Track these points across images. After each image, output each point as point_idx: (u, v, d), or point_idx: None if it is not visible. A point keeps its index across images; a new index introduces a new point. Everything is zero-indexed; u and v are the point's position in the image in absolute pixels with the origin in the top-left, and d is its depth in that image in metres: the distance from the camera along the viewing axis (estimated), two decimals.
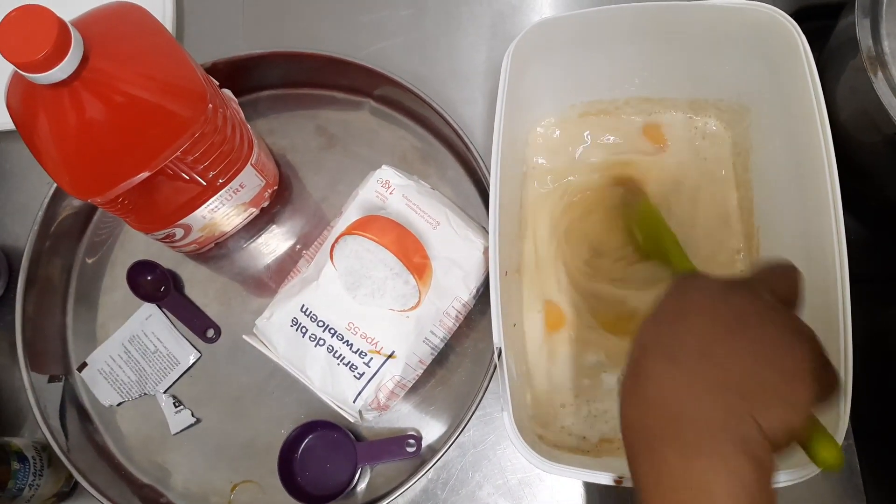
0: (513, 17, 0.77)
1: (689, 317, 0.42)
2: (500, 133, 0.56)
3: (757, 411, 0.37)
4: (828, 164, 0.53)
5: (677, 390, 0.39)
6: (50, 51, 0.45)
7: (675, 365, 0.39)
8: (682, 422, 0.37)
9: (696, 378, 0.38)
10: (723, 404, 0.37)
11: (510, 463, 0.66)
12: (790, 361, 0.39)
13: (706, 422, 0.37)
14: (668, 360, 0.40)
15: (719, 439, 0.36)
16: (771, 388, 0.38)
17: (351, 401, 0.61)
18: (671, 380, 0.39)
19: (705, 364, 0.39)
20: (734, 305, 0.41)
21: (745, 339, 0.39)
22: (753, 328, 0.40)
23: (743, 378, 0.38)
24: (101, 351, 0.71)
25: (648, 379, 0.40)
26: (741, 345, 0.39)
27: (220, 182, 0.63)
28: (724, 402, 0.37)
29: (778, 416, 0.37)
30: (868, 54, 0.58)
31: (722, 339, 0.39)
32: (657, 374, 0.40)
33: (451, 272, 0.63)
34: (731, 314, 0.41)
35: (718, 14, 0.58)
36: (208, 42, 0.78)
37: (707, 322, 0.41)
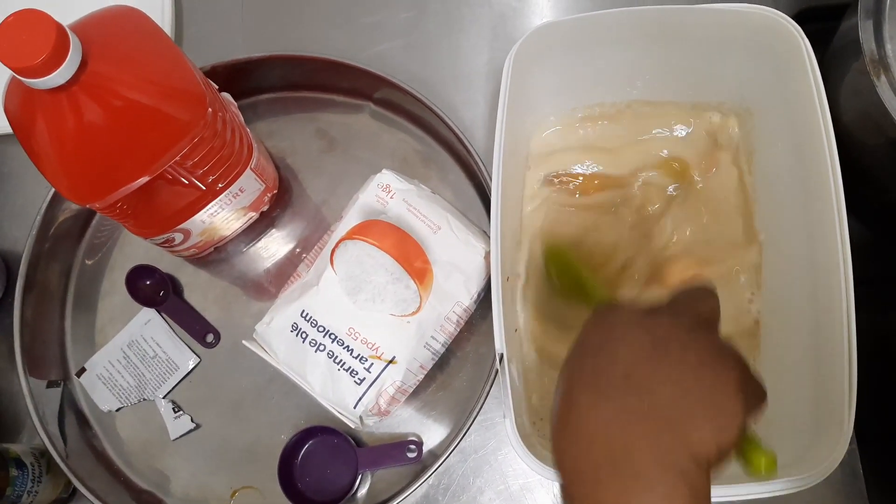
0: (514, 19, 0.77)
1: (610, 346, 0.41)
2: (502, 138, 0.55)
3: (687, 437, 0.37)
4: (831, 167, 0.52)
5: (607, 423, 0.38)
6: (48, 55, 0.45)
7: (601, 396, 0.39)
8: (615, 458, 0.37)
9: (624, 408, 0.38)
10: (653, 434, 0.37)
11: (511, 468, 0.66)
12: (715, 381, 0.39)
13: (639, 455, 0.37)
14: (594, 392, 0.39)
15: (654, 472, 0.36)
16: (698, 410, 0.38)
17: (352, 406, 0.60)
18: (599, 412, 0.38)
19: (631, 393, 0.38)
20: (654, 331, 0.41)
21: (667, 364, 0.39)
22: (675, 352, 0.40)
23: (669, 404, 0.38)
24: (99, 356, 0.70)
25: (577, 413, 0.39)
26: (664, 370, 0.39)
27: (219, 186, 0.63)
28: (654, 431, 0.37)
29: (708, 438, 0.37)
30: (871, 58, 0.58)
31: (644, 366, 0.39)
32: (585, 407, 0.39)
33: (452, 277, 0.62)
34: (651, 340, 0.40)
35: (721, 17, 0.58)
36: (207, 45, 0.77)
37: (628, 350, 0.40)
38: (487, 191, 0.68)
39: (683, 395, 0.38)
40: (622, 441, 0.37)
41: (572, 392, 0.40)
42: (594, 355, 0.42)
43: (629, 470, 0.36)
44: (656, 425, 0.37)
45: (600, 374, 0.40)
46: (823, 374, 0.52)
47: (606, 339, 0.42)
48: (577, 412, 0.39)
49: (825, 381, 0.52)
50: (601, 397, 0.39)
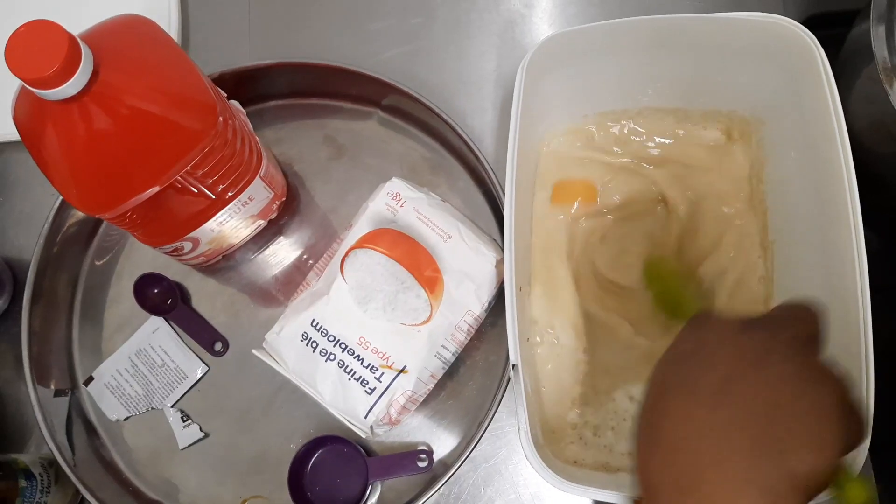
0: (522, 25, 0.77)
1: (705, 353, 0.40)
2: (515, 148, 0.55)
3: (785, 457, 0.35)
4: (847, 176, 0.52)
5: (699, 432, 0.36)
6: (60, 67, 0.44)
7: (694, 402, 0.37)
8: (707, 471, 0.35)
9: (719, 417, 0.36)
10: (748, 450, 0.35)
11: (522, 477, 0.66)
12: (816, 401, 0.37)
13: (730, 470, 0.35)
14: (687, 397, 0.38)
15: (745, 492, 0.34)
16: (797, 430, 0.36)
17: (362, 416, 0.60)
18: (692, 419, 0.37)
19: (726, 403, 0.37)
20: (754, 342, 0.39)
21: (767, 377, 0.37)
22: (775, 365, 0.38)
23: (767, 419, 0.36)
24: (107, 365, 0.70)
25: (668, 419, 0.38)
26: (763, 383, 0.37)
27: (229, 195, 0.62)
28: (749, 447, 0.35)
29: (808, 461, 0.35)
30: (883, 65, 0.58)
31: (742, 377, 0.37)
32: (676, 412, 0.38)
33: (462, 285, 0.62)
34: (750, 351, 0.39)
35: (733, 26, 0.57)
36: (214, 52, 0.77)
37: (725, 358, 0.39)
38: (497, 198, 0.67)
39: (782, 413, 0.36)
40: (713, 453, 0.35)
41: (663, 398, 0.39)
42: (688, 362, 0.40)
43: (718, 483, 0.35)
44: (752, 440, 0.35)
45: (694, 379, 0.38)
46: None
47: (702, 347, 0.40)
48: (669, 416, 0.38)
49: None
50: (695, 402, 0.37)
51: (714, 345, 0.40)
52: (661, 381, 0.40)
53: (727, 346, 0.40)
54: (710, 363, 0.39)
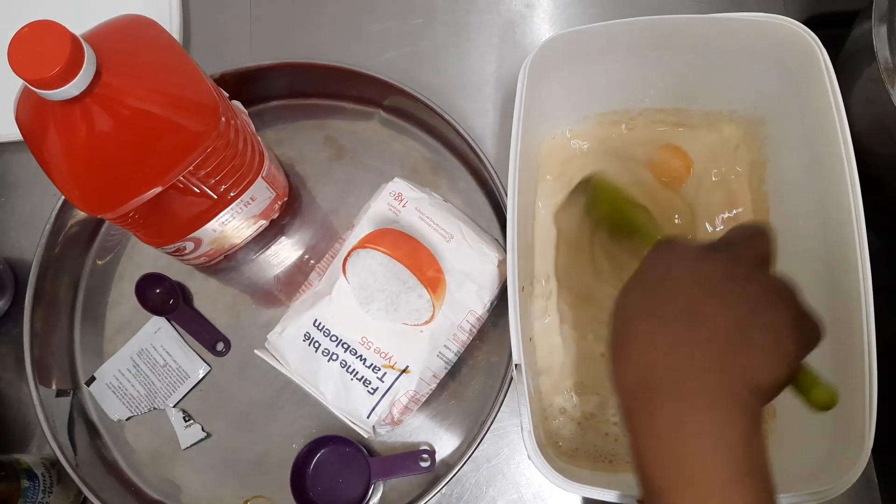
0: (522, 25, 0.77)
1: (672, 279, 0.43)
2: (518, 150, 0.55)
3: (745, 366, 0.39)
4: (850, 176, 0.52)
5: (670, 348, 0.40)
6: (63, 67, 0.44)
7: (664, 326, 0.41)
8: (676, 377, 0.39)
9: (687, 337, 0.40)
10: (716, 360, 0.39)
11: (524, 477, 0.66)
12: (774, 316, 0.40)
13: (701, 376, 0.38)
14: (658, 321, 0.41)
15: (715, 393, 0.38)
16: (758, 343, 0.39)
17: (365, 416, 0.60)
18: (663, 339, 0.40)
19: (694, 323, 0.40)
20: (715, 266, 0.42)
21: (728, 298, 0.40)
22: (736, 287, 0.41)
23: (730, 334, 0.39)
24: (109, 365, 0.70)
25: (639, 340, 0.41)
26: (725, 303, 0.40)
27: (231, 195, 0.62)
28: (717, 358, 0.39)
29: (767, 369, 0.39)
30: (885, 65, 0.58)
31: (707, 299, 0.41)
32: (648, 335, 0.41)
33: (465, 286, 0.62)
34: (713, 275, 0.42)
35: (735, 27, 0.58)
36: (215, 53, 0.77)
37: (690, 283, 0.42)
38: (499, 199, 0.67)
39: (743, 327, 0.39)
40: (683, 365, 0.39)
41: (633, 320, 0.42)
42: (655, 286, 0.43)
43: (688, 391, 0.38)
44: (716, 352, 0.39)
45: (662, 304, 0.42)
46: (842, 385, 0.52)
47: (668, 272, 0.43)
48: (639, 339, 0.41)
49: (844, 393, 0.51)
50: (665, 325, 0.41)
51: (678, 271, 0.43)
52: (629, 305, 0.44)
53: (692, 272, 0.42)
54: (675, 289, 0.42)
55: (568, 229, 0.66)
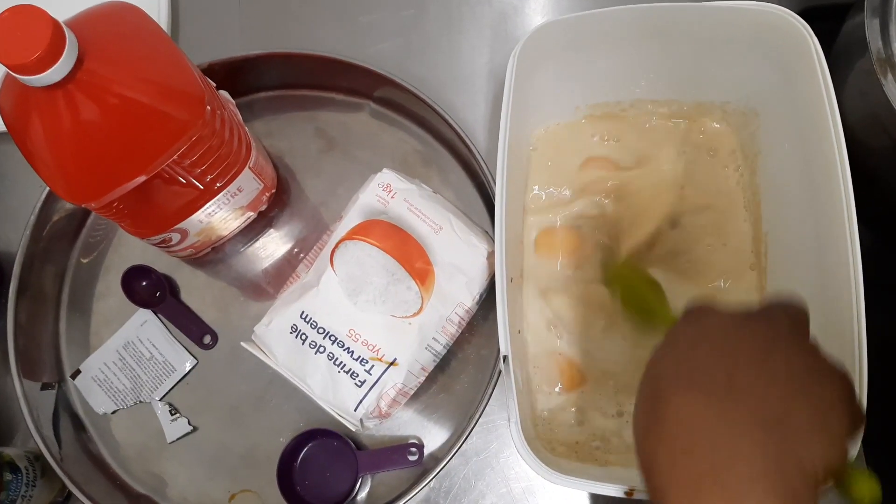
0: (515, 17, 0.76)
1: (708, 347, 0.38)
2: (507, 140, 0.54)
3: (797, 450, 0.34)
4: (841, 167, 0.52)
5: (709, 426, 0.35)
6: (43, 52, 0.44)
7: (701, 396, 0.36)
8: (718, 465, 0.34)
9: (728, 411, 0.35)
10: (761, 442, 0.34)
11: (514, 471, 0.65)
12: (823, 394, 0.36)
13: (746, 466, 0.34)
14: (693, 390, 0.36)
15: (761, 485, 0.33)
16: (807, 423, 0.35)
17: (352, 409, 0.60)
18: (699, 418, 0.35)
19: (735, 397, 0.35)
20: (756, 335, 0.38)
21: (774, 371, 0.36)
22: (781, 357, 0.37)
23: (777, 412, 0.35)
24: (94, 358, 0.69)
25: (673, 417, 0.36)
26: (771, 374, 0.36)
27: (217, 186, 0.62)
28: (763, 441, 0.34)
29: (819, 452, 0.35)
30: (878, 56, 0.58)
31: (749, 368, 0.36)
32: (682, 411, 0.36)
33: (454, 278, 0.62)
34: (755, 344, 0.38)
35: (726, 15, 0.57)
36: (204, 43, 0.76)
37: (730, 349, 0.38)
38: (489, 190, 0.67)
39: (791, 405, 0.35)
40: (728, 449, 0.34)
41: (666, 393, 0.37)
42: (689, 354, 0.39)
43: (733, 482, 0.33)
44: (764, 434, 0.34)
45: (699, 371, 0.37)
46: None
47: (703, 336, 0.39)
48: (674, 415, 0.36)
49: None
50: (701, 396, 0.36)
51: (716, 337, 0.39)
52: (659, 375, 0.39)
53: (729, 339, 0.38)
54: (712, 355, 0.38)
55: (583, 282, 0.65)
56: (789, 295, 0.43)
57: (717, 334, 0.39)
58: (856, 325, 0.50)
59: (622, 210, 0.66)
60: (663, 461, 0.36)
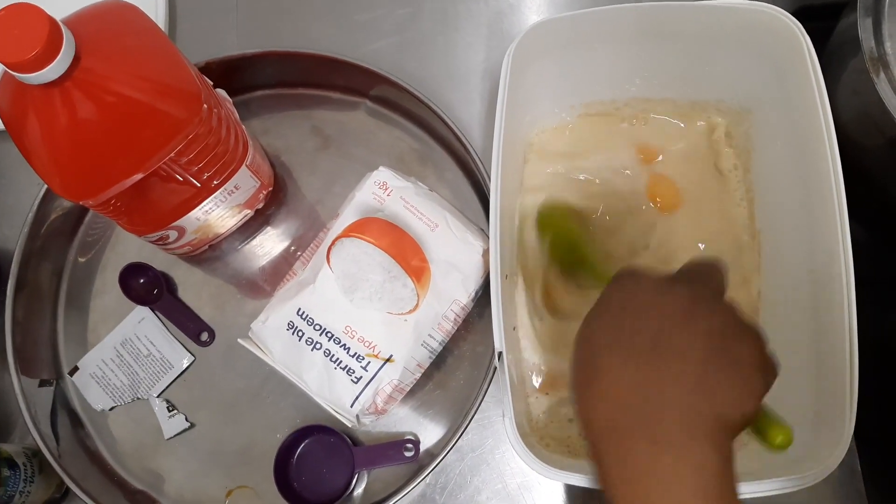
0: (510, 15, 0.77)
1: (636, 311, 0.42)
2: (501, 137, 0.55)
3: (715, 403, 0.38)
4: (833, 165, 0.52)
5: (638, 386, 0.39)
6: (41, 50, 0.44)
7: (631, 361, 0.40)
8: (647, 416, 0.38)
9: (654, 373, 0.39)
10: (684, 398, 0.38)
11: (509, 467, 0.66)
12: (740, 351, 0.40)
13: (670, 416, 0.38)
14: (624, 356, 0.40)
15: (685, 433, 0.37)
16: (725, 379, 0.39)
17: (348, 405, 0.60)
18: (630, 376, 0.40)
19: (662, 357, 0.40)
20: (679, 297, 0.42)
21: (695, 332, 0.40)
22: (701, 320, 0.41)
23: (699, 370, 0.39)
24: (92, 355, 0.69)
25: (606, 376, 0.40)
26: (692, 337, 0.40)
27: (214, 184, 0.62)
28: (685, 395, 0.38)
29: (737, 405, 0.39)
30: (870, 55, 0.58)
31: (672, 332, 0.40)
32: (614, 370, 0.40)
33: (449, 275, 0.62)
34: (678, 307, 0.41)
35: (720, 15, 0.57)
36: (201, 41, 0.77)
37: (655, 315, 0.41)
38: (485, 188, 0.67)
39: (711, 363, 0.39)
40: (656, 402, 0.38)
41: (598, 355, 0.41)
42: (618, 318, 0.43)
43: (661, 431, 0.38)
44: (686, 389, 0.38)
45: (627, 336, 0.41)
46: (824, 373, 0.52)
47: (631, 304, 0.43)
48: (606, 376, 0.40)
49: (826, 382, 0.52)
50: (631, 360, 0.40)
51: (641, 302, 0.43)
52: (592, 339, 0.43)
53: (655, 302, 0.42)
54: (640, 322, 0.41)
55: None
56: (708, 258, 0.46)
57: (644, 299, 0.43)
58: (847, 318, 0.50)
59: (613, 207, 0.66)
60: (600, 416, 0.40)
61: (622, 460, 0.38)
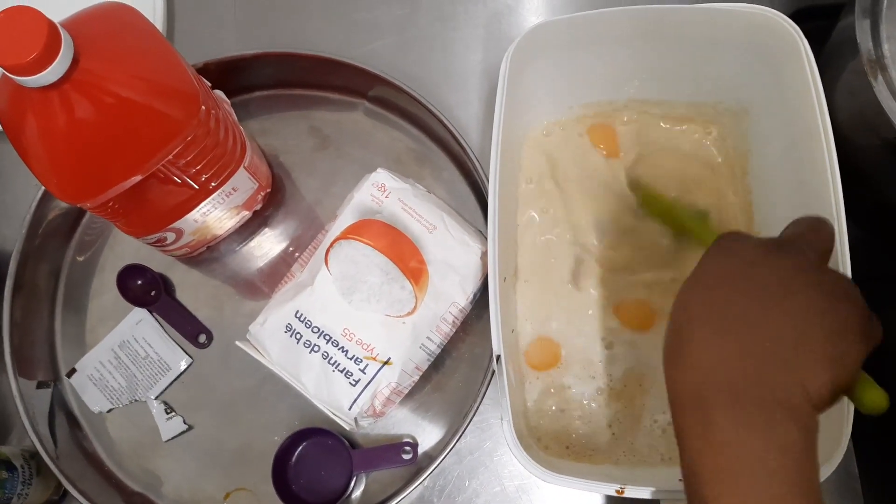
0: (508, 16, 0.76)
1: (733, 282, 0.42)
2: (499, 140, 0.55)
3: (805, 379, 0.38)
4: (830, 167, 0.52)
5: (728, 359, 0.39)
6: (39, 53, 0.44)
7: (723, 334, 0.40)
8: (735, 391, 0.38)
9: (745, 347, 0.39)
10: (772, 373, 0.38)
11: (507, 470, 0.66)
12: (836, 321, 0.39)
13: (757, 391, 0.38)
14: (716, 329, 0.40)
15: (770, 409, 0.37)
16: (819, 353, 0.38)
17: (346, 408, 0.60)
18: (720, 349, 0.39)
19: (753, 333, 0.39)
20: (778, 269, 0.41)
21: (790, 305, 0.40)
22: (797, 293, 0.40)
23: (790, 345, 0.38)
24: (90, 356, 0.69)
25: (697, 346, 0.40)
26: (787, 311, 0.39)
27: (212, 185, 0.62)
28: (773, 371, 0.38)
29: (826, 380, 0.38)
30: (868, 57, 0.58)
31: (767, 307, 0.40)
32: (705, 342, 0.40)
33: (447, 277, 0.62)
34: (774, 279, 0.41)
35: (718, 17, 0.57)
36: (199, 42, 0.77)
37: (751, 288, 0.41)
38: (482, 189, 0.67)
39: (804, 337, 0.39)
40: (743, 377, 0.38)
41: (690, 324, 0.41)
42: (715, 288, 0.42)
43: (746, 403, 0.37)
44: (776, 366, 0.38)
45: (723, 310, 0.41)
46: None
47: (729, 274, 0.42)
48: (699, 344, 0.40)
49: None
50: (723, 334, 0.40)
51: (740, 271, 0.42)
52: (687, 308, 0.42)
53: (753, 276, 0.41)
54: (735, 294, 0.41)
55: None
56: (812, 217, 0.45)
57: (741, 271, 0.42)
58: None
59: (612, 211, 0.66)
60: (686, 387, 0.40)
61: (707, 433, 0.38)
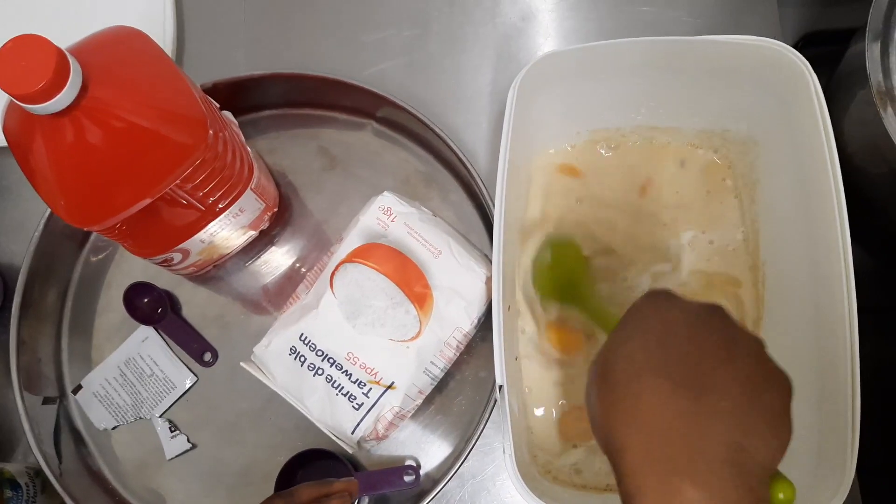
0: (518, 39, 0.76)
1: (678, 337, 0.41)
2: (505, 171, 0.55)
3: (758, 450, 0.37)
4: (837, 200, 0.52)
5: (683, 418, 0.38)
6: (48, 82, 0.44)
7: (677, 389, 0.39)
8: (693, 452, 0.37)
9: (700, 406, 0.38)
10: (727, 437, 0.37)
11: (510, 495, 0.66)
12: (775, 398, 0.40)
13: (715, 457, 0.37)
14: (667, 379, 0.39)
15: (728, 474, 0.36)
16: (764, 425, 0.38)
17: (349, 432, 0.60)
18: (675, 406, 0.38)
19: (706, 392, 0.38)
20: (718, 333, 0.41)
21: (737, 371, 0.39)
22: (742, 360, 0.40)
23: (744, 411, 0.38)
24: (96, 374, 0.70)
25: (647, 398, 0.39)
26: (732, 377, 0.39)
27: (219, 207, 0.62)
28: (728, 435, 0.37)
29: (772, 454, 0.38)
30: (878, 89, 0.58)
31: (716, 367, 0.39)
32: (656, 394, 0.39)
33: (452, 302, 0.62)
34: (718, 341, 0.41)
35: (727, 49, 0.57)
36: (209, 62, 0.77)
37: (698, 347, 0.40)
38: (489, 212, 0.67)
39: (750, 407, 0.38)
40: (699, 437, 0.37)
41: (641, 376, 0.40)
42: (660, 341, 0.41)
43: (705, 468, 0.36)
44: (734, 431, 0.37)
45: (676, 363, 0.40)
46: (826, 410, 0.52)
47: (672, 329, 0.41)
48: (649, 399, 0.39)
49: (828, 417, 0.52)
50: (678, 389, 0.38)
51: (684, 330, 0.41)
52: (629, 358, 0.41)
53: (698, 335, 0.41)
54: (683, 349, 0.40)
55: None
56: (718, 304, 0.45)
57: (685, 328, 0.41)
58: (849, 350, 0.50)
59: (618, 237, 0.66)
60: (637, 442, 0.38)
61: (667, 496, 0.36)
